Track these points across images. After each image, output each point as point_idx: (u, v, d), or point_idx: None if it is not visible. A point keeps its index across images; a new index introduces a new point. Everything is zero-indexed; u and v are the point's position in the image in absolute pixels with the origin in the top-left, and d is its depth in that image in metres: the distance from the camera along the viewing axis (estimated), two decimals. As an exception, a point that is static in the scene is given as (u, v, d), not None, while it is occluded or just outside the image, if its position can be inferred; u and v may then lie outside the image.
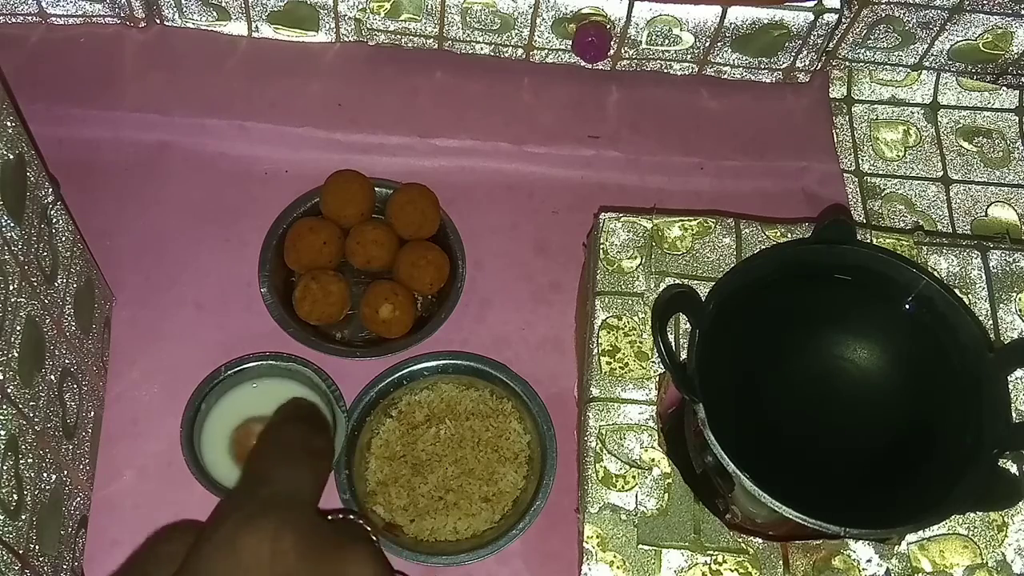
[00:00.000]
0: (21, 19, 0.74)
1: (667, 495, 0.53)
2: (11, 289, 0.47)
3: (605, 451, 0.54)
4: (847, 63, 0.76)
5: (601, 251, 0.59)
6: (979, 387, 0.50)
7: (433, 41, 0.74)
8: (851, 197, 0.72)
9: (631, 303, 0.58)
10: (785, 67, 0.75)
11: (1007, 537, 0.52)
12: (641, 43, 0.72)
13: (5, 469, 0.45)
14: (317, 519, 0.38)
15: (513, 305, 0.67)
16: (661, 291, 0.58)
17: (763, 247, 0.59)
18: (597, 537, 0.52)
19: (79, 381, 0.56)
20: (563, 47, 0.73)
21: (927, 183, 0.73)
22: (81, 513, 0.57)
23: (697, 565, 0.52)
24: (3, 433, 0.45)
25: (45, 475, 0.50)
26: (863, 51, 0.75)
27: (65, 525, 0.54)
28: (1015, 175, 0.74)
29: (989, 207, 0.73)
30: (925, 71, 0.76)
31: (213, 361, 0.61)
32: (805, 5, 0.69)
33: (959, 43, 0.73)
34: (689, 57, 0.74)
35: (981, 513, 0.53)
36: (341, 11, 0.73)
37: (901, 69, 0.76)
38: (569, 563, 0.57)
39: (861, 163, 0.74)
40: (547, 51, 0.74)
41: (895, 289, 0.54)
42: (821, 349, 0.54)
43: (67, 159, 0.67)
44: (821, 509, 0.47)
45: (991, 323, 0.58)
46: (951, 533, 0.53)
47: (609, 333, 0.57)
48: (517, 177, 0.72)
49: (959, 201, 0.73)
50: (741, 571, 0.51)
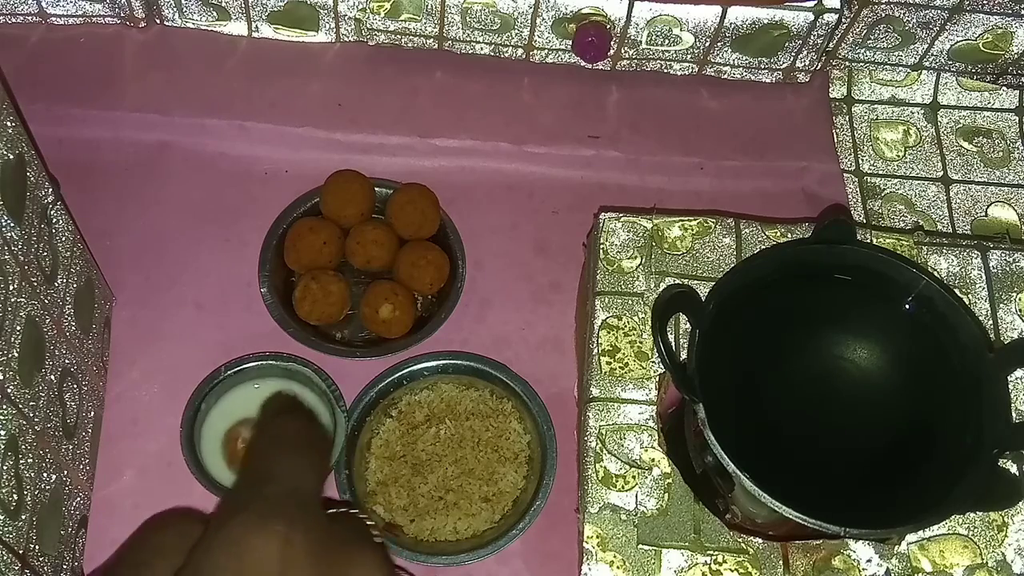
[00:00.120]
0: (21, 19, 0.74)
1: (667, 495, 0.53)
2: (11, 289, 0.47)
3: (605, 451, 0.54)
4: (847, 63, 0.76)
5: (601, 251, 0.59)
6: (979, 387, 0.50)
7: (433, 41, 0.74)
8: (851, 197, 0.72)
9: (631, 303, 0.58)
10: (785, 67, 0.75)
11: (1007, 537, 0.52)
12: (641, 43, 0.72)
13: (5, 469, 0.45)
14: (324, 519, 0.38)
15: (513, 305, 0.67)
16: (661, 291, 0.58)
17: (763, 247, 0.59)
18: (597, 537, 0.52)
19: (79, 381, 0.56)
20: (563, 47, 0.73)
21: (927, 183, 0.73)
22: (81, 513, 0.57)
23: (697, 565, 0.52)
24: (3, 433, 0.45)
25: (45, 475, 0.50)
26: (863, 51, 0.75)
27: (65, 525, 0.54)
28: (1015, 175, 0.74)
29: (989, 207, 0.73)
30: (925, 71, 0.76)
31: (213, 361, 0.61)
32: (805, 5, 0.69)
33: (959, 43, 0.73)
34: (689, 57, 0.74)
35: (981, 513, 0.53)
36: (341, 11, 0.73)
37: (901, 69, 0.76)
38: (569, 563, 0.57)
39: (861, 163, 0.74)
40: (547, 51, 0.74)
41: (895, 289, 0.54)
42: (821, 349, 0.54)
43: (67, 159, 0.67)
44: (821, 509, 0.47)
45: (991, 323, 0.58)
46: (951, 533, 0.53)
47: (609, 333, 0.57)
48: (517, 177, 0.72)
49: (959, 201, 0.73)
50: (741, 571, 0.51)
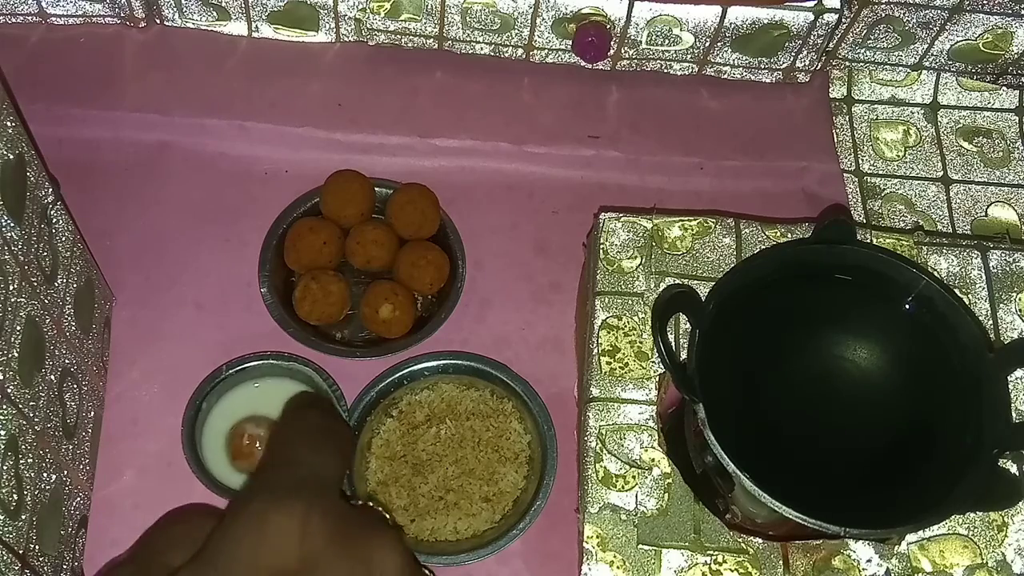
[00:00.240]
0: (21, 19, 0.74)
1: (667, 495, 0.53)
2: (11, 289, 0.47)
3: (605, 451, 0.54)
4: (847, 63, 0.76)
5: (601, 251, 0.59)
6: (979, 387, 0.50)
7: (433, 41, 0.74)
8: (851, 197, 0.72)
9: (631, 303, 0.58)
10: (785, 67, 0.75)
11: (1007, 537, 0.52)
12: (641, 43, 0.72)
13: (5, 469, 0.45)
14: (343, 504, 0.38)
15: (513, 305, 0.67)
16: (661, 291, 0.58)
17: (763, 247, 0.59)
18: (597, 537, 0.52)
19: (79, 381, 0.56)
20: (563, 47, 0.73)
21: (927, 183, 0.73)
22: (81, 513, 0.57)
23: (697, 565, 0.52)
24: (3, 433, 0.45)
25: (45, 475, 0.50)
26: (863, 51, 0.75)
27: (65, 525, 0.54)
28: (1015, 175, 0.74)
29: (989, 207, 0.73)
30: (925, 71, 0.76)
31: (213, 361, 0.61)
32: (805, 5, 0.69)
33: (959, 43, 0.73)
34: (689, 57, 0.74)
35: (981, 513, 0.53)
36: (341, 11, 0.73)
37: (901, 69, 0.76)
38: (569, 563, 0.57)
39: (861, 163, 0.74)
40: (547, 51, 0.74)
41: (895, 289, 0.54)
42: (821, 349, 0.54)
43: (67, 159, 0.67)
44: (821, 509, 0.47)
45: (991, 323, 0.58)
46: (951, 533, 0.53)
47: (609, 333, 0.57)
48: (517, 177, 0.72)
49: (959, 201, 0.73)
50: (741, 571, 0.51)
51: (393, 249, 0.66)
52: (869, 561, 0.52)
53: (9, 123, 0.48)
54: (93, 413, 0.59)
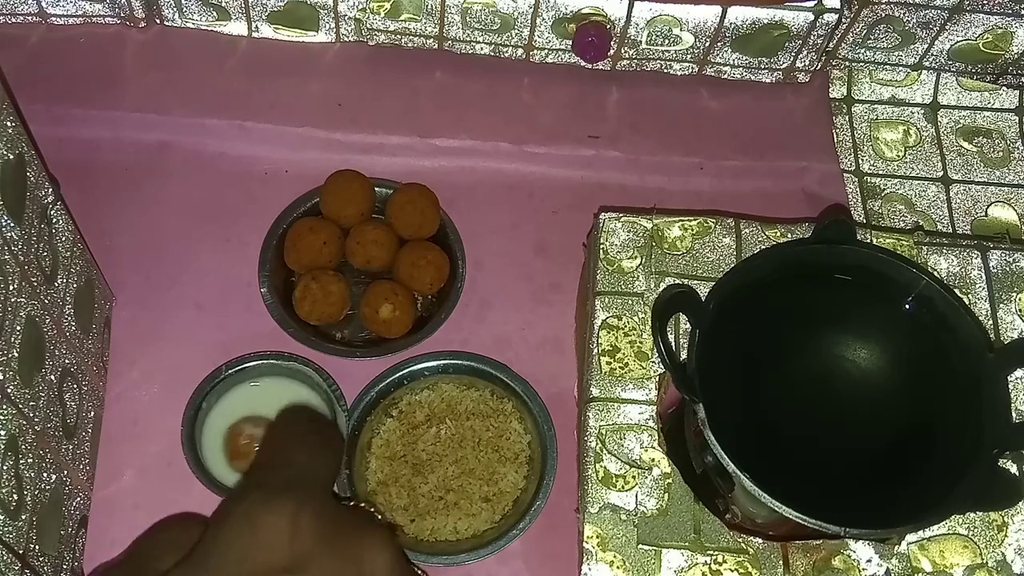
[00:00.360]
0: (21, 19, 0.74)
1: (667, 495, 0.53)
2: (11, 289, 0.47)
3: (605, 451, 0.54)
4: (847, 63, 0.76)
5: (601, 251, 0.59)
6: (979, 387, 0.50)
7: (433, 41, 0.74)
8: (851, 197, 0.72)
9: (631, 303, 0.58)
10: (785, 67, 0.75)
11: (1007, 537, 0.52)
12: (641, 43, 0.72)
13: (5, 469, 0.45)
14: (334, 503, 0.38)
15: (513, 305, 0.67)
16: (661, 291, 0.58)
17: (763, 247, 0.59)
18: (597, 537, 0.52)
19: (79, 381, 0.56)
20: (563, 47, 0.73)
21: (927, 183, 0.73)
22: (81, 513, 0.57)
23: (697, 565, 0.52)
24: (3, 433, 0.45)
25: (45, 475, 0.50)
26: (863, 51, 0.75)
27: (65, 525, 0.54)
28: (1015, 175, 0.74)
29: (989, 207, 0.73)
30: (925, 71, 0.76)
31: (213, 361, 0.61)
32: (805, 5, 0.69)
33: (959, 43, 0.73)
34: (689, 57, 0.74)
35: (981, 513, 0.53)
36: (341, 11, 0.73)
37: (901, 69, 0.76)
38: (569, 563, 0.57)
39: (861, 163, 0.74)
40: (547, 51, 0.74)
41: (895, 289, 0.54)
42: (821, 349, 0.54)
43: (67, 159, 0.67)
44: (821, 509, 0.47)
45: (991, 323, 0.58)
46: (951, 533, 0.53)
47: (609, 333, 0.57)
48: (517, 177, 0.72)
49: (959, 201, 0.73)
50: (741, 571, 0.51)
51: (393, 249, 0.66)
52: (869, 561, 0.52)
53: (9, 123, 0.48)
54: (93, 413, 0.59)
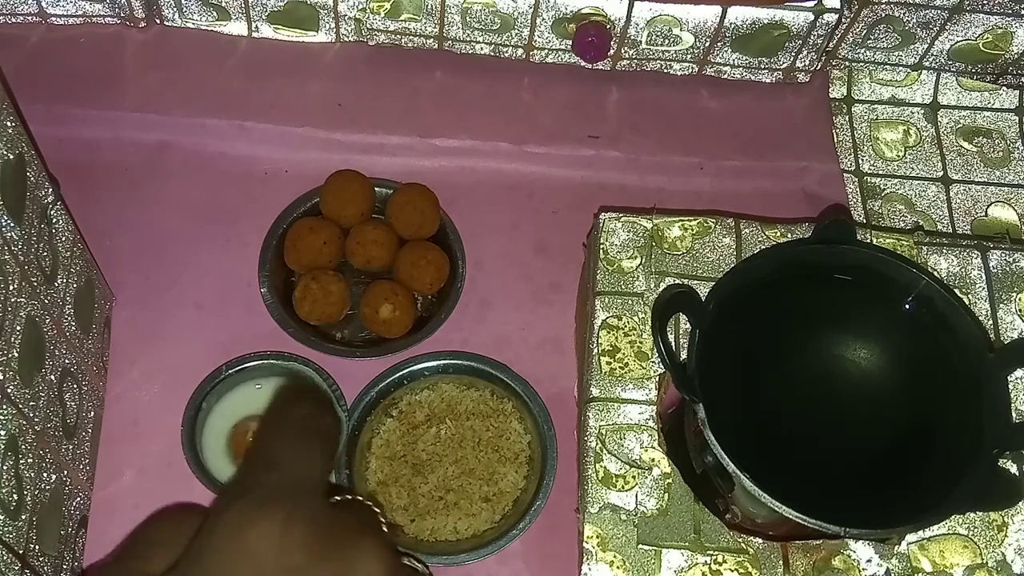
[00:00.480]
0: (21, 19, 0.74)
1: (667, 495, 0.53)
2: (11, 289, 0.47)
3: (605, 451, 0.54)
4: (847, 63, 0.76)
5: (601, 251, 0.59)
6: (979, 387, 0.50)
7: (433, 41, 0.74)
8: (851, 197, 0.72)
9: (631, 303, 0.58)
10: (785, 67, 0.75)
11: (1007, 537, 0.52)
12: (641, 43, 0.72)
13: (5, 469, 0.45)
14: (327, 508, 0.37)
15: (513, 305, 0.67)
16: (661, 291, 0.58)
17: (763, 247, 0.59)
18: (597, 537, 0.52)
19: (79, 381, 0.56)
20: (563, 47, 0.73)
21: (927, 183, 0.73)
22: (81, 513, 0.57)
23: (697, 565, 0.52)
24: (3, 433, 0.45)
25: (45, 475, 0.50)
26: (863, 51, 0.75)
27: (65, 525, 0.54)
28: (1015, 175, 0.74)
29: (989, 207, 0.73)
30: (925, 71, 0.76)
31: (213, 361, 0.61)
32: (805, 5, 0.69)
33: (959, 43, 0.73)
34: (689, 57, 0.74)
35: (981, 513, 0.53)
36: (341, 11, 0.73)
37: (901, 69, 0.76)
38: (569, 563, 0.57)
39: (861, 163, 0.74)
40: (547, 51, 0.74)
41: (895, 289, 0.54)
42: (821, 349, 0.54)
43: (67, 159, 0.67)
44: (821, 509, 0.47)
45: (991, 323, 0.58)
46: (951, 533, 0.53)
47: (609, 333, 0.57)
48: (517, 177, 0.72)
49: (959, 201, 0.73)
50: (741, 571, 0.51)
51: (393, 249, 0.66)
52: (869, 561, 0.52)
53: (9, 123, 0.48)
54: (93, 413, 0.59)
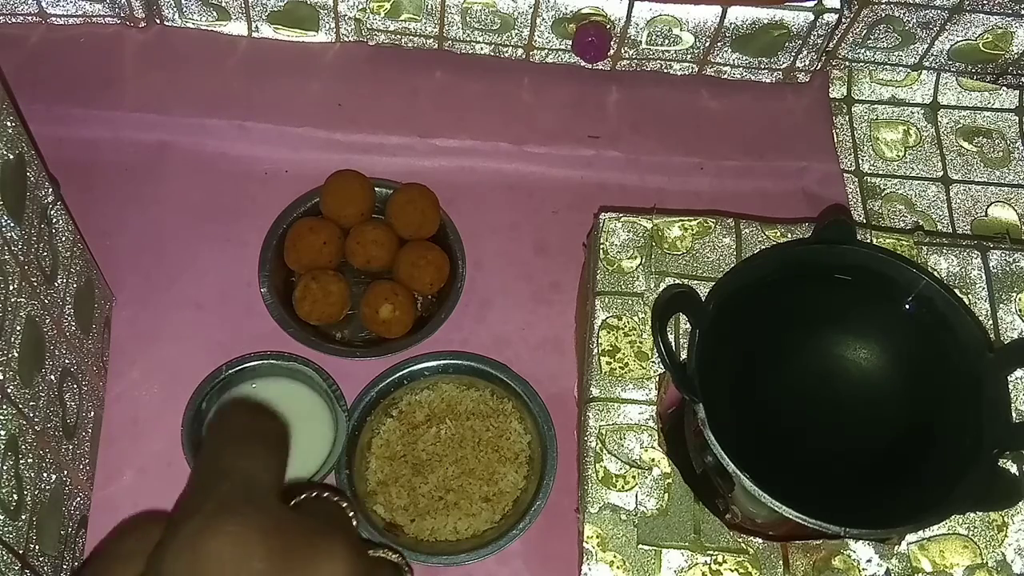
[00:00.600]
0: (21, 19, 0.74)
1: (667, 495, 0.53)
2: (11, 289, 0.47)
3: (605, 451, 0.54)
4: (847, 63, 0.76)
5: (601, 251, 0.59)
6: (979, 387, 0.50)
7: (433, 41, 0.74)
8: (851, 197, 0.72)
9: (631, 303, 0.58)
10: (785, 67, 0.75)
11: (1007, 537, 0.52)
12: (641, 43, 0.72)
13: (5, 469, 0.45)
14: (283, 511, 0.36)
15: (513, 305, 0.67)
16: (661, 291, 0.58)
17: (763, 247, 0.59)
18: (597, 537, 0.52)
19: (79, 381, 0.56)
20: (563, 47, 0.73)
21: (927, 183, 0.73)
22: (81, 513, 0.57)
23: (697, 565, 0.52)
24: (3, 433, 0.45)
25: (45, 475, 0.50)
26: (863, 51, 0.75)
27: (65, 525, 0.54)
28: (1015, 175, 0.74)
29: (989, 207, 0.73)
30: (925, 71, 0.76)
31: (213, 361, 0.61)
32: (805, 5, 0.69)
33: (959, 43, 0.73)
34: (689, 57, 0.74)
35: (981, 513, 0.53)
36: (341, 11, 0.73)
37: (901, 69, 0.76)
38: (569, 563, 0.57)
39: (861, 163, 0.74)
40: (547, 51, 0.74)
41: (895, 289, 0.54)
42: (821, 349, 0.54)
43: (67, 159, 0.67)
44: (821, 509, 0.47)
45: (991, 323, 0.58)
46: (951, 533, 0.53)
47: (609, 333, 0.57)
48: (517, 177, 0.72)
49: (959, 201, 0.73)
50: (741, 571, 0.51)
51: (393, 249, 0.66)
52: (869, 561, 0.52)
53: (9, 123, 0.48)
54: (93, 413, 0.59)
